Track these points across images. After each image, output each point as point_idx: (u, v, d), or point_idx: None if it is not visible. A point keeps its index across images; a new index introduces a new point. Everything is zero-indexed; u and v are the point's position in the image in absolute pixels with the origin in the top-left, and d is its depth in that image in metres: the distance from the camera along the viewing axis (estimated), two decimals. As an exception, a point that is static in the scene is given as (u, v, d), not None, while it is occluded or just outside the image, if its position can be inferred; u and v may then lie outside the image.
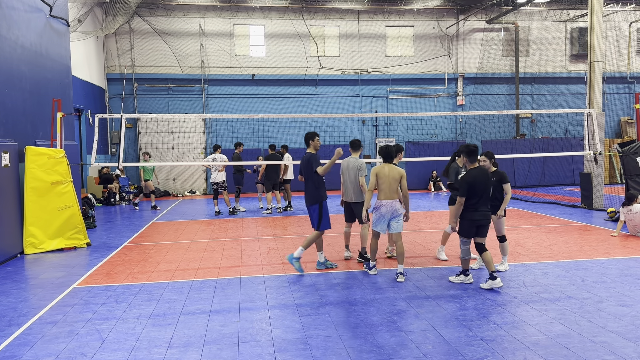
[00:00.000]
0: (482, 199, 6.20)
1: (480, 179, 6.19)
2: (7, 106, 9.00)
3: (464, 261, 6.42)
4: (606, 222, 11.07)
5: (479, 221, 6.22)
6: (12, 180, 8.69)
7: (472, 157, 6.29)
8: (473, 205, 6.19)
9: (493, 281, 6.14)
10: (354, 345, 4.53)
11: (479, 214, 6.20)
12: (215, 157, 13.41)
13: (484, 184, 6.21)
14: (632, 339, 4.58)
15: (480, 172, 6.24)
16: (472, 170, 6.24)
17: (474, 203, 6.18)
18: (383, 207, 6.78)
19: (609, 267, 7.16)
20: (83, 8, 16.43)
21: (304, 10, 20.87)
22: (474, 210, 6.19)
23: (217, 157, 13.41)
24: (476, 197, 6.16)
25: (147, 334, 4.90)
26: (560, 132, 22.02)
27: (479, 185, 6.16)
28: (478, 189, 6.15)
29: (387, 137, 21.68)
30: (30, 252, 8.87)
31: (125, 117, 10.16)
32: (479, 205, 6.18)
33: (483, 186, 6.19)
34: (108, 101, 20.11)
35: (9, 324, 5.29)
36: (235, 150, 14.03)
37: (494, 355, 4.29)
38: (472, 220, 6.22)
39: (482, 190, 6.18)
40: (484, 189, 6.21)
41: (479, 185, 6.16)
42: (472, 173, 6.20)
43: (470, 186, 6.14)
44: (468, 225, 6.27)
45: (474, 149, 6.29)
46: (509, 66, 22.29)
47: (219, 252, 8.70)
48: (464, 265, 6.46)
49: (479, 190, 6.16)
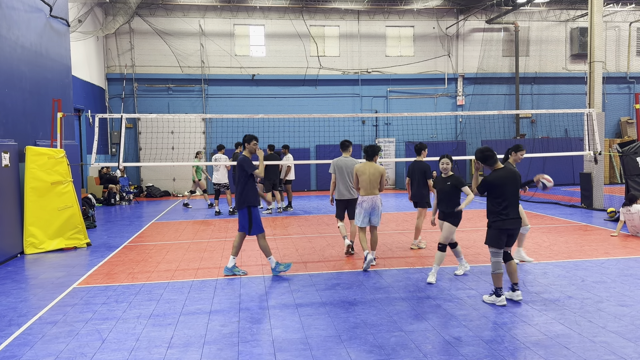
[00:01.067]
0: (511, 204, 5.54)
1: (509, 180, 5.55)
2: (7, 106, 9.00)
3: (495, 277, 5.66)
4: (606, 222, 11.07)
5: (510, 230, 5.57)
6: (12, 180, 8.68)
7: (490, 161, 5.64)
8: (502, 211, 5.51)
9: (513, 292, 5.73)
10: (354, 345, 4.53)
11: (510, 222, 5.53)
12: (219, 157, 13.43)
13: (513, 186, 5.57)
14: (632, 339, 4.58)
15: (508, 172, 5.59)
16: (498, 170, 5.60)
17: (502, 209, 5.51)
18: (365, 202, 7.38)
19: (609, 267, 7.16)
20: (83, 8, 16.43)
21: (304, 10, 20.87)
22: (505, 218, 5.51)
23: (219, 157, 13.44)
24: (504, 201, 5.49)
25: (147, 334, 4.90)
26: (560, 132, 22.01)
27: (508, 187, 5.52)
28: (506, 190, 5.51)
29: (387, 137, 21.69)
30: (30, 252, 8.87)
31: (125, 117, 10.17)
32: (509, 211, 5.51)
33: (512, 188, 5.56)
34: (108, 101, 20.11)
35: (9, 324, 5.29)
36: (235, 150, 14.04)
37: (494, 355, 4.29)
38: (501, 229, 5.55)
39: (510, 192, 5.53)
40: (513, 191, 5.57)
41: (508, 186, 5.52)
42: (498, 174, 5.56)
43: (494, 187, 5.54)
44: (498, 235, 5.58)
45: (489, 152, 5.66)
46: (509, 66, 22.29)
47: (219, 252, 8.70)
48: (495, 282, 5.67)
49: (508, 192, 5.51)
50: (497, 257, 5.63)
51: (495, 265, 5.64)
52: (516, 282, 5.73)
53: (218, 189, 13.84)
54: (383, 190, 7.53)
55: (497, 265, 5.63)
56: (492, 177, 5.56)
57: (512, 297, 5.72)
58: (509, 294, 5.75)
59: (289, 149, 14.64)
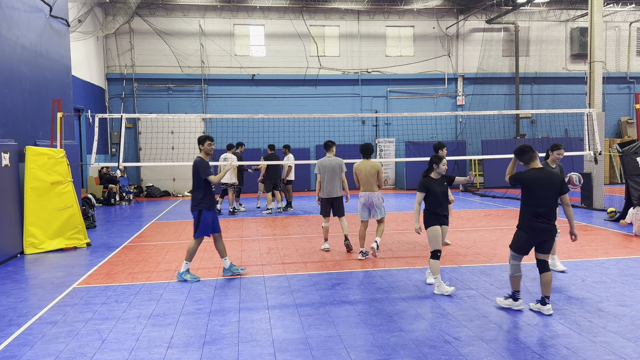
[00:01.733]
0: (544, 206, 5.12)
1: (540, 181, 5.15)
2: (7, 106, 9.00)
3: (512, 280, 5.36)
4: (606, 222, 11.07)
5: (539, 233, 5.15)
6: (12, 180, 8.68)
7: (523, 157, 5.31)
8: (534, 211, 5.13)
9: (542, 306, 5.25)
10: (354, 345, 4.53)
11: (541, 225, 5.13)
12: (228, 157, 13.48)
13: (546, 188, 5.13)
14: (632, 339, 4.58)
15: (541, 173, 5.19)
16: (531, 170, 5.25)
17: (533, 212, 5.14)
18: (362, 197, 7.95)
19: (609, 267, 7.16)
20: (83, 8, 16.43)
21: (304, 10, 20.87)
22: (535, 219, 5.12)
23: (228, 157, 13.47)
24: (537, 204, 5.13)
25: (147, 334, 4.90)
26: (560, 132, 22.01)
27: (538, 188, 5.14)
28: (536, 192, 5.14)
29: (387, 137, 21.69)
30: (30, 252, 8.87)
31: (125, 117, 10.16)
32: (542, 212, 5.12)
33: (544, 190, 5.13)
34: (108, 101, 20.11)
35: (9, 324, 5.29)
36: (236, 150, 14.05)
37: (494, 355, 4.29)
38: (532, 230, 5.16)
39: (542, 195, 5.13)
40: (546, 194, 5.13)
41: (538, 188, 5.14)
42: (530, 173, 5.23)
43: (524, 186, 5.22)
44: (525, 238, 5.22)
45: (526, 149, 5.32)
46: (509, 66, 22.29)
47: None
48: (512, 284, 5.38)
49: (539, 194, 5.13)
50: (516, 260, 5.33)
51: (513, 268, 5.34)
52: (548, 294, 5.24)
53: (225, 188, 13.89)
54: (382, 186, 7.97)
55: (516, 268, 5.33)
56: (523, 174, 5.24)
57: (541, 310, 5.24)
58: (536, 306, 5.30)
59: (289, 149, 14.62)
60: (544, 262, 5.29)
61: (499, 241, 9.26)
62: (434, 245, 6.10)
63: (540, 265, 5.31)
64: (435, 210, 6.15)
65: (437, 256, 6.09)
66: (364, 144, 7.99)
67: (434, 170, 6.22)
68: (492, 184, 20.12)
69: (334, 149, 8.74)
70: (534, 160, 5.26)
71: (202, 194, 6.83)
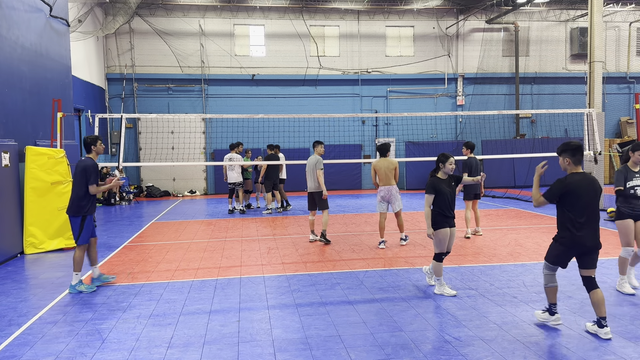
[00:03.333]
0: (587, 215, 4.61)
1: (586, 188, 4.63)
2: (7, 106, 9.00)
3: (547, 291, 4.90)
4: (606, 222, 11.07)
5: (580, 244, 4.61)
6: (12, 180, 8.69)
7: (577, 156, 4.72)
8: (575, 221, 4.60)
9: (599, 329, 4.64)
10: (354, 345, 4.53)
11: (585, 235, 4.59)
12: (232, 157, 13.53)
13: (590, 195, 4.63)
14: (632, 339, 4.58)
15: (585, 179, 4.67)
16: (575, 174, 4.68)
17: (575, 218, 4.62)
18: (381, 191, 8.82)
19: (609, 267, 7.16)
20: (83, 8, 16.43)
21: (304, 10, 20.87)
22: (574, 229, 4.60)
23: (233, 157, 13.53)
24: (576, 209, 4.61)
25: (147, 334, 4.90)
26: (560, 132, 22.01)
27: (583, 195, 4.60)
28: (581, 199, 4.61)
29: (387, 137, 21.68)
30: (30, 252, 8.87)
31: (125, 117, 10.17)
32: (584, 222, 4.60)
33: (589, 197, 4.62)
34: (108, 101, 20.11)
35: (9, 324, 5.29)
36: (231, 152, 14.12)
37: (494, 355, 4.29)
38: (572, 242, 4.63)
39: (585, 202, 4.61)
40: (590, 202, 4.62)
41: (583, 194, 4.60)
42: (575, 178, 4.64)
43: (569, 193, 4.62)
44: (562, 249, 4.72)
45: (577, 146, 4.76)
46: (509, 66, 22.29)
47: (219, 252, 8.70)
48: (548, 296, 4.90)
49: (582, 201, 4.61)
50: (550, 270, 4.84)
51: (547, 278, 4.88)
52: (603, 315, 4.60)
53: (233, 187, 13.92)
54: (397, 180, 8.82)
55: (549, 278, 4.86)
56: (568, 180, 4.64)
57: (598, 334, 4.64)
58: (593, 328, 4.71)
59: (279, 148, 14.64)
60: (589, 278, 4.67)
61: (499, 241, 9.26)
62: (440, 247, 6.01)
63: (586, 283, 4.68)
64: (445, 212, 5.97)
65: (440, 259, 6.04)
66: (381, 144, 8.92)
67: (441, 170, 6.07)
68: (492, 184, 20.13)
69: (319, 147, 9.44)
70: (581, 163, 4.77)
71: (87, 198, 6.38)
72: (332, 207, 13.02)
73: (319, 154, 9.39)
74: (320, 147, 9.46)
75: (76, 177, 6.41)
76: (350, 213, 13.69)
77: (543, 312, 5.01)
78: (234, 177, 13.77)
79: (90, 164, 6.38)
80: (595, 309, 4.64)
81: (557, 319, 4.89)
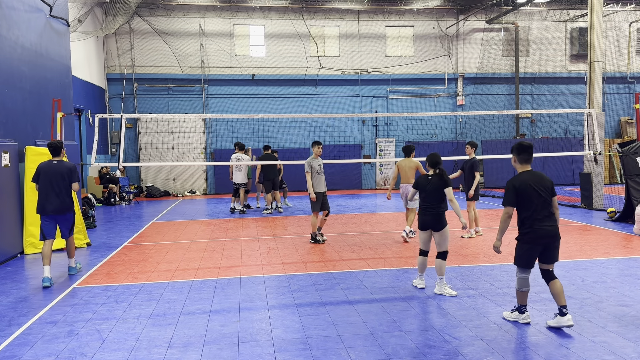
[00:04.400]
0: (542, 210, 4.80)
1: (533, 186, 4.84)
2: (7, 106, 9.00)
3: (519, 294, 4.99)
4: (606, 222, 11.07)
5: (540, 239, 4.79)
6: (12, 180, 8.69)
7: (524, 155, 5.00)
8: (532, 217, 4.80)
9: (561, 317, 4.83)
10: (354, 345, 4.53)
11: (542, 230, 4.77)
12: (240, 157, 13.54)
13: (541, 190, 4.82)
14: (632, 339, 4.58)
15: (533, 176, 4.93)
16: (523, 174, 4.96)
17: (531, 215, 4.81)
18: (401, 188, 9.58)
19: (609, 267, 7.16)
20: (83, 8, 16.43)
21: (304, 10, 20.87)
22: (534, 224, 4.78)
23: (241, 157, 13.55)
24: (531, 205, 4.82)
25: (147, 334, 4.90)
26: (560, 132, 22.02)
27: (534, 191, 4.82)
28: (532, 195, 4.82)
29: (387, 137, 21.69)
30: (30, 252, 8.87)
31: (125, 117, 10.15)
32: (541, 218, 4.78)
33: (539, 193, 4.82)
34: (108, 101, 20.11)
35: (9, 324, 5.29)
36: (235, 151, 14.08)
37: (494, 355, 4.29)
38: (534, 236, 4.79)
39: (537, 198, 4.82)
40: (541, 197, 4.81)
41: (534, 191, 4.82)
42: (521, 178, 4.91)
43: (521, 192, 4.84)
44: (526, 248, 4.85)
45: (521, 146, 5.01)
46: (509, 66, 22.29)
47: (219, 252, 8.70)
48: (519, 299, 5.01)
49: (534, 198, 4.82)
50: (525, 274, 4.90)
51: (520, 281, 4.93)
52: (564, 304, 4.82)
53: (237, 188, 13.94)
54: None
55: (523, 282, 4.92)
56: (517, 180, 4.90)
57: (561, 323, 4.80)
58: (556, 320, 4.86)
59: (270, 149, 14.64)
60: (547, 272, 4.89)
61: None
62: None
63: (546, 276, 4.91)
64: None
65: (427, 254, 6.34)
66: (406, 146, 9.62)
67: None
68: (492, 184, 20.14)
69: (315, 148, 9.43)
70: (530, 162, 4.98)
71: (71, 195, 7.29)
72: (332, 207, 13.00)
73: (316, 154, 9.30)
74: (316, 148, 9.32)
75: (66, 179, 7.18)
76: (350, 213, 13.69)
77: (512, 312, 5.11)
78: (240, 177, 13.80)
79: (74, 167, 7.35)
80: (556, 299, 4.85)
81: (527, 317, 5.02)
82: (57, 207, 7.02)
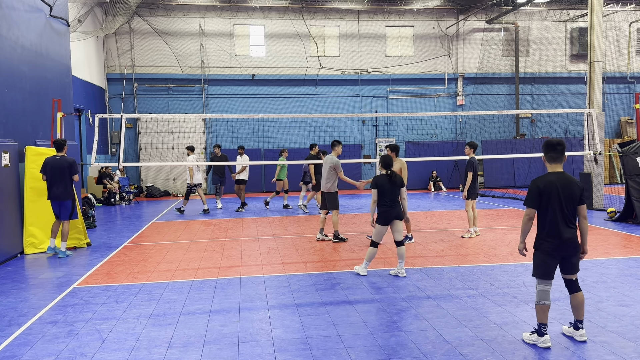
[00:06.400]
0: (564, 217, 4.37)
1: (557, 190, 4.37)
2: (7, 106, 9.00)
3: (538, 309, 4.48)
4: (606, 222, 11.07)
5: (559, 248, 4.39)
6: (12, 180, 8.68)
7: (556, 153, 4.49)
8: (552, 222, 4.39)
9: (575, 331, 4.58)
10: (354, 345, 4.53)
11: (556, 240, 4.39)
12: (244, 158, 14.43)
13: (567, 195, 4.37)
14: (632, 339, 4.58)
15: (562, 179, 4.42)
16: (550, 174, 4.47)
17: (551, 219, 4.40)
18: None
19: (609, 267, 7.16)
20: (83, 8, 16.43)
21: (304, 10, 20.87)
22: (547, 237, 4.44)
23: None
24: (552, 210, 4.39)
25: (147, 334, 4.90)
26: (560, 132, 22.01)
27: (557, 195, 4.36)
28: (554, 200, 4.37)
29: (387, 137, 21.68)
30: (30, 252, 8.87)
31: (125, 117, 10.16)
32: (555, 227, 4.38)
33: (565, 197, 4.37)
34: (108, 101, 20.11)
35: (9, 324, 5.29)
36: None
37: (494, 355, 4.29)
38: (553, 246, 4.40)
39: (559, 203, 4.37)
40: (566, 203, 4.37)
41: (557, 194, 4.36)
42: (547, 178, 4.43)
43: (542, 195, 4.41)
44: (543, 256, 4.47)
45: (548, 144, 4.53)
46: (509, 66, 22.29)
47: (219, 252, 8.70)
48: (538, 316, 4.47)
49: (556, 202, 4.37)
50: (545, 285, 4.46)
51: (540, 294, 4.47)
52: (581, 319, 4.53)
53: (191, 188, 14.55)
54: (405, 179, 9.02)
55: (543, 294, 4.46)
56: (540, 180, 4.45)
57: (574, 336, 4.57)
58: (569, 330, 4.63)
59: (244, 149, 14.77)
60: (571, 282, 4.55)
61: (498, 241, 9.26)
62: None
63: (568, 285, 4.57)
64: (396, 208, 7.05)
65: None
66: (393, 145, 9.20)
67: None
68: (491, 184, 20.14)
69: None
70: (559, 161, 4.48)
71: (71, 186, 8.65)
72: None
73: (338, 153, 9.48)
74: (340, 147, 9.54)
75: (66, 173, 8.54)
76: (350, 213, 13.69)
77: (531, 334, 4.56)
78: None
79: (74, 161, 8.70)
80: (574, 311, 4.56)
81: (547, 340, 4.43)
82: (59, 195, 8.49)
